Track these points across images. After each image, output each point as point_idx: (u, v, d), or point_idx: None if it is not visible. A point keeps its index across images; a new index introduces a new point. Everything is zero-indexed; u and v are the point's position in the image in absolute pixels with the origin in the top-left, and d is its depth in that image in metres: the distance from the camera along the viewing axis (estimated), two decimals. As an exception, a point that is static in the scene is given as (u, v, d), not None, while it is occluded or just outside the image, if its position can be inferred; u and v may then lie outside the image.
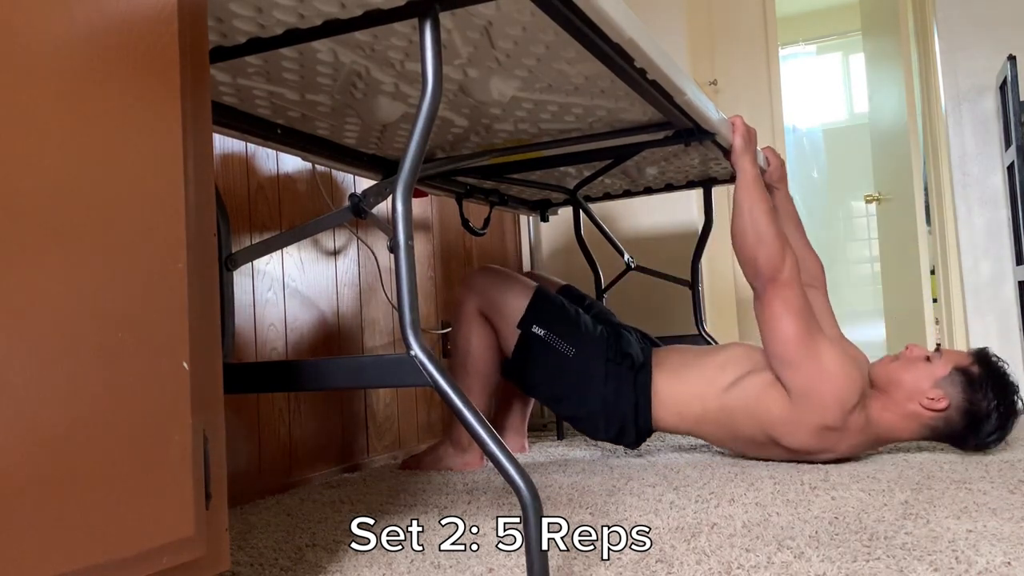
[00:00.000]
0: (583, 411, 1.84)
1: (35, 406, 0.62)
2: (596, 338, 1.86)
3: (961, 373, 1.65)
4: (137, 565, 0.69)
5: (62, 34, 0.66)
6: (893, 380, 1.67)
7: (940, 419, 1.64)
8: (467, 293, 1.92)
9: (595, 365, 1.83)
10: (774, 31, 3.82)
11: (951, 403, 1.63)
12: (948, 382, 1.64)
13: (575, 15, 1.08)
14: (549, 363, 1.84)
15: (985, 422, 1.63)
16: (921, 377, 1.65)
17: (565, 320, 1.87)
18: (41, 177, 0.64)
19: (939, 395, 1.63)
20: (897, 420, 1.66)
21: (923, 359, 1.68)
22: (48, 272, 0.64)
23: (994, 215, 2.59)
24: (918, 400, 1.64)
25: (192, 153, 0.78)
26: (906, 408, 1.65)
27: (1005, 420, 1.64)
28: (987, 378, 1.64)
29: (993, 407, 1.63)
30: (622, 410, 1.81)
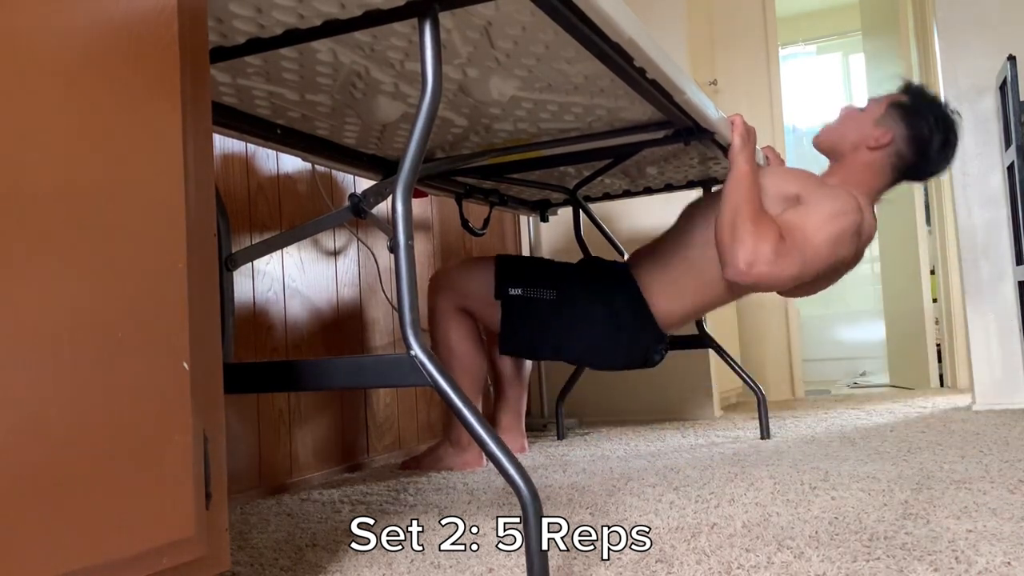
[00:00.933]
0: (590, 344, 1.84)
1: (35, 406, 0.62)
2: (571, 272, 1.88)
3: (894, 107, 1.77)
4: (137, 565, 0.69)
5: (62, 34, 0.66)
6: (837, 137, 1.80)
7: (892, 154, 1.75)
8: (437, 294, 1.92)
9: (580, 296, 1.84)
10: (774, 31, 3.82)
11: (895, 135, 1.74)
12: (886, 118, 1.76)
13: (575, 15, 1.08)
14: (537, 314, 1.83)
15: (931, 142, 1.74)
16: (861, 123, 1.78)
17: (534, 269, 1.89)
18: (41, 177, 0.64)
19: (881, 132, 1.74)
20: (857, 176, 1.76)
21: (856, 110, 1.81)
22: (48, 272, 0.64)
23: (994, 215, 2.59)
24: (866, 145, 1.75)
25: (192, 153, 0.78)
26: (859, 159, 1.76)
27: (947, 132, 1.76)
28: (919, 103, 1.76)
29: (932, 124, 1.74)
30: (624, 326, 1.81)
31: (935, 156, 1.76)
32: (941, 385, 3.62)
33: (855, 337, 5.18)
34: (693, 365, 2.77)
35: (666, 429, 2.48)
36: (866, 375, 4.84)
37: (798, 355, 3.69)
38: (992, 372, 2.56)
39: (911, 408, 2.74)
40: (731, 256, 1.64)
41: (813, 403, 3.23)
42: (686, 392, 2.79)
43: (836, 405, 3.04)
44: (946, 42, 2.65)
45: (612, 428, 2.62)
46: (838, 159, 1.81)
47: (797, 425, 2.42)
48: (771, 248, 1.62)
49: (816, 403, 3.22)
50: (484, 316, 1.89)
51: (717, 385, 2.85)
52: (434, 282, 1.95)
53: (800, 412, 2.84)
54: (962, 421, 2.27)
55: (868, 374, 4.86)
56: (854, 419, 2.49)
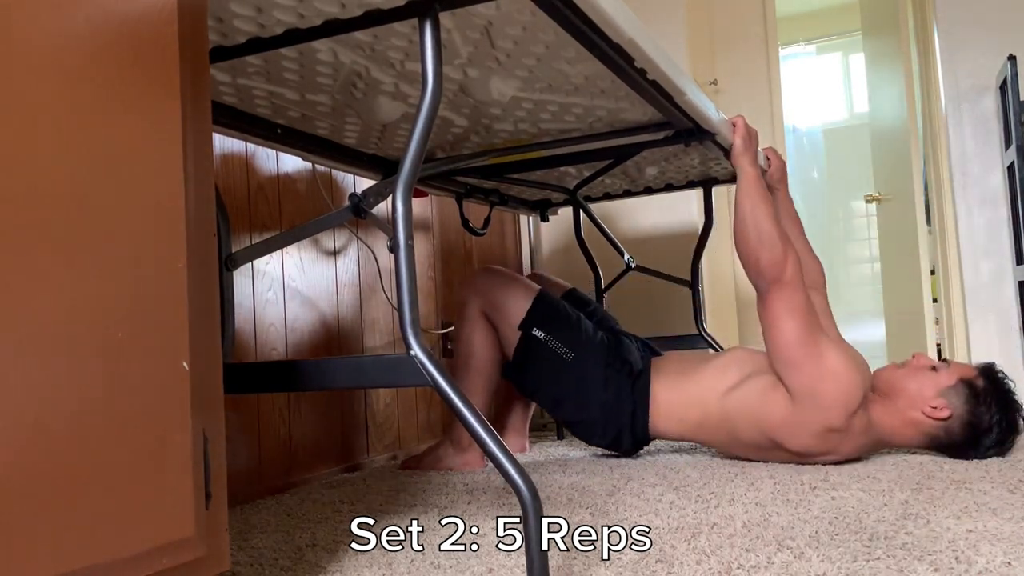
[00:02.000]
0: (580, 416, 1.85)
1: (35, 406, 0.62)
2: (596, 344, 1.86)
3: (966, 385, 1.64)
4: (137, 565, 0.69)
5: (62, 34, 0.66)
6: (897, 386, 1.67)
7: (941, 428, 1.64)
8: (470, 293, 1.92)
9: (594, 371, 1.83)
10: (774, 31, 3.82)
11: (953, 413, 1.62)
12: (952, 392, 1.64)
13: (575, 15, 1.08)
14: (548, 366, 1.84)
15: (985, 436, 1.63)
16: (925, 385, 1.65)
17: (566, 324, 1.87)
18: (40, 177, 0.64)
19: (942, 404, 1.62)
20: (898, 425, 1.66)
21: (929, 368, 1.68)
22: (47, 272, 0.64)
23: (994, 215, 2.59)
24: (920, 408, 1.63)
25: (192, 153, 0.78)
26: (908, 415, 1.65)
27: (1005, 436, 1.64)
28: (991, 392, 1.64)
29: (995, 421, 1.62)
30: (619, 417, 1.82)
31: (983, 452, 1.65)
32: (941, 385, 3.61)
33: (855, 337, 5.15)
34: (693, 365, 2.76)
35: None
36: (866, 375, 4.83)
37: (798, 355, 3.67)
38: (992, 372, 2.56)
39: (911, 408, 2.73)
40: (761, 259, 1.65)
41: (813, 403, 3.22)
42: (686, 392, 2.78)
43: (836, 405, 3.03)
44: (946, 42, 2.65)
45: (612, 428, 2.61)
46: (887, 402, 1.68)
47: (797, 425, 2.41)
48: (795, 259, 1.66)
49: (816, 403, 3.21)
50: (502, 332, 1.90)
51: (717, 385, 2.84)
52: (471, 281, 1.95)
53: (800, 412, 2.83)
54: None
55: (868, 374, 4.86)
56: (854, 419, 2.48)
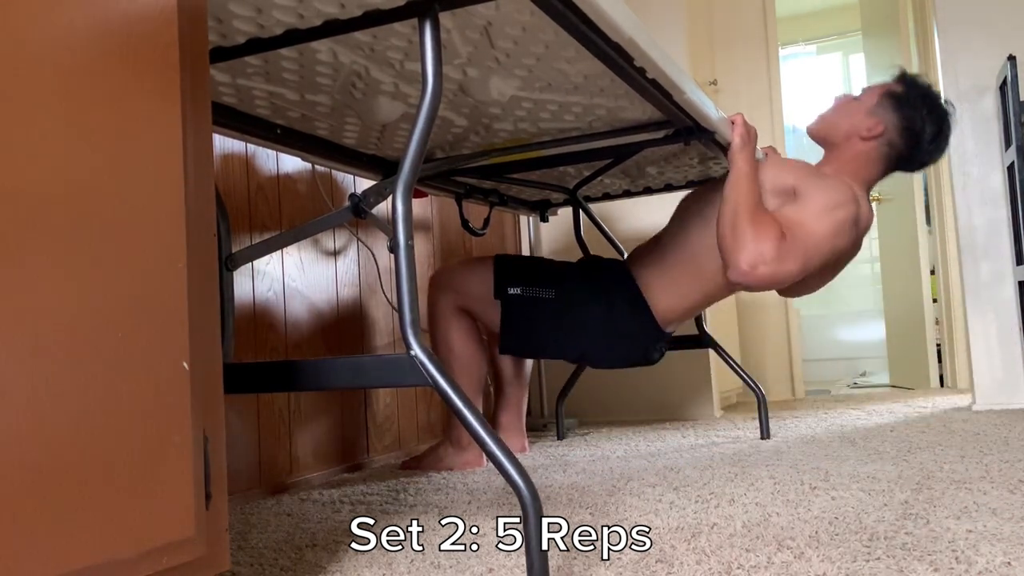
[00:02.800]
0: (589, 343, 1.83)
1: (35, 406, 0.62)
2: (569, 271, 1.88)
3: (888, 96, 1.76)
4: (137, 565, 0.69)
5: (62, 34, 0.66)
6: (830, 127, 1.79)
7: (883, 144, 1.75)
8: (436, 294, 1.92)
9: (579, 294, 1.83)
10: (774, 31, 3.82)
11: (886, 126, 1.74)
12: (878, 108, 1.76)
13: (575, 15, 1.08)
14: (537, 314, 1.83)
15: (923, 132, 1.74)
16: (853, 112, 1.77)
17: (533, 268, 1.89)
18: (40, 177, 0.64)
19: (874, 122, 1.74)
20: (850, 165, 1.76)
21: (851, 99, 1.81)
22: (48, 272, 0.64)
23: (994, 215, 2.59)
24: (858, 135, 1.74)
25: (192, 153, 0.78)
26: (852, 149, 1.75)
27: (939, 123, 1.75)
28: (912, 93, 1.75)
29: (925, 115, 1.74)
30: (624, 323, 1.81)
31: (927, 147, 1.76)
32: (941, 385, 3.62)
33: (855, 337, 5.18)
34: (693, 365, 2.77)
35: (666, 429, 2.48)
36: (866, 375, 4.84)
37: (798, 355, 3.69)
38: (992, 372, 2.56)
39: (911, 408, 2.74)
40: (733, 258, 1.64)
41: (813, 403, 3.23)
42: (686, 392, 2.79)
43: (836, 405, 3.04)
44: (946, 42, 2.65)
45: (612, 428, 2.62)
46: (832, 148, 1.82)
47: (797, 425, 2.42)
48: (772, 247, 1.62)
49: (816, 403, 3.22)
50: (484, 316, 1.89)
51: (717, 385, 2.85)
52: (433, 282, 1.95)
53: (800, 412, 2.84)
54: (962, 421, 2.27)
55: (868, 374, 4.87)
56: (854, 419, 2.49)
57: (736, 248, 1.63)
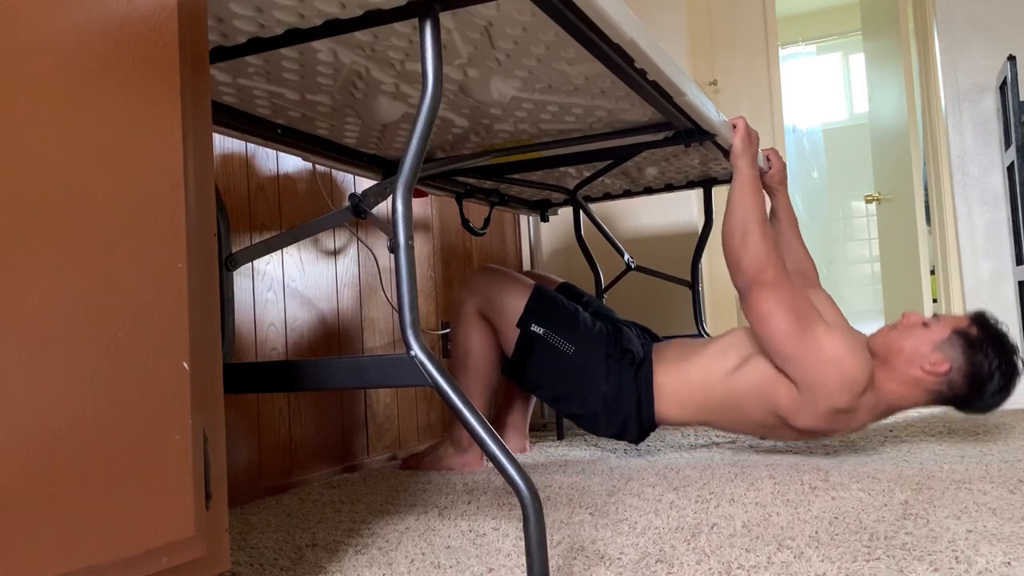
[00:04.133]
0: (585, 409, 1.84)
1: (35, 406, 0.62)
2: (595, 335, 1.86)
3: (960, 335, 1.65)
4: (137, 565, 0.69)
5: (62, 34, 0.66)
6: (893, 348, 1.68)
7: (943, 383, 1.64)
8: (467, 293, 1.93)
9: (595, 362, 1.82)
10: (774, 31, 3.82)
11: (952, 366, 1.63)
12: (948, 345, 1.64)
13: (575, 15, 1.08)
14: (549, 361, 1.84)
15: (988, 382, 1.63)
16: (920, 342, 1.66)
17: (564, 318, 1.87)
18: (40, 177, 0.64)
19: (939, 359, 1.63)
20: (901, 388, 1.66)
21: (921, 325, 1.69)
22: (48, 272, 0.64)
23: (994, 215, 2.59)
24: (919, 365, 1.64)
25: (192, 153, 0.78)
26: (908, 375, 1.65)
27: (1008, 379, 1.65)
28: (986, 339, 1.65)
29: (995, 367, 1.63)
30: (624, 406, 1.81)
31: (989, 399, 1.65)
32: (941, 385, 3.61)
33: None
34: (693, 365, 2.77)
35: (666, 429, 2.48)
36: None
37: (798, 355, 3.68)
38: (992, 372, 2.55)
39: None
40: (742, 260, 1.64)
41: (813, 403, 3.23)
42: (686, 392, 2.78)
43: (836, 405, 3.03)
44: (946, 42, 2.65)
45: (612, 428, 2.61)
46: (886, 366, 1.68)
47: (797, 425, 2.42)
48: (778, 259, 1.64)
49: (816, 403, 3.21)
50: (501, 332, 1.89)
51: (717, 385, 2.84)
52: (468, 281, 1.95)
53: (800, 412, 2.84)
54: (962, 421, 2.27)
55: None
56: (854, 419, 2.49)
57: (744, 251, 1.64)
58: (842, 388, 1.59)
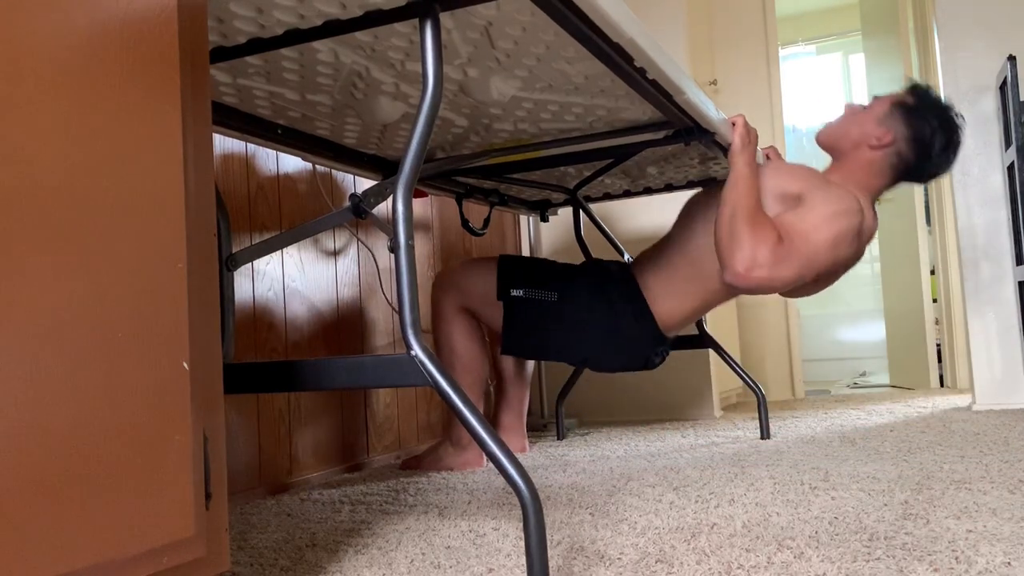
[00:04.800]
0: (590, 347, 1.84)
1: (35, 406, 0.62)
2: (573, 274, 1.88)
3: (898, 106, 1.75)
4: (137, 565, 0.69)
5: (62, 34, 0.66)
6: (839, 135, 1.78)
7: (892, 154, 1.74)
8: (440, 293, 1.92)
9: (581, 298, 1.83)
10: (774, 31, 3.82)
11: (896, 135, 1.73)
12: (888, 118, 1.74)
13: (575, 15, 1.08)
14: (539, 316, 1.83)
15: (932, 143, 1.73)
16: (863, 121, 1.76)
17: (536, 270, 1.89)
18: (40, 177, 0.64)
19: (883, 131, 1.73)
20: (857, 174, 1.75)
21: (860, 109, 1.79)
22: (48, 272, 0.64)
23: (994, 215, 2.59)
24: (867, 144, 1.73)
25: (192, 153, 0.78)
26: (860, 158, 1.74)
27: (949, 134, 1.74)
28: (922, 103, 1.74)
29: (935, 127, 1.73)
30: (625, 328, 1.81)
31: (936, 158, 1.75)
32: (941, 385, 3.62)
33: (855, 337, 5.18)
34: (693, 365, 2.77)
35: (666, 429, 2.48)
36: (866, 375, 4.84)
37: (798, 355, 3.69)
38: (992, 372, 2.56)
39: (911, 408, 2.74)
40: (729, 260, 1.62)
41: (813, 403, 3.23)
42: (686, 392, 2.79)
43: (836, 405, 3.04)
44: (946, 42, 2.65)
45: (612, 428, 2.62)
46: (839, 157, 1.81)
47: (797, 425, 2.42)
48: (768, 251, 1.60)
49: (816, 403, 3.22)
50: (486, 316, 1.89)
51: (717, 385, 2.85)
52: (437, 281, 1.96)
53: (800, 412, 2.84)
54: (962, 421, 2.27)
55: (868, 374, 4.86)
56: (854, 419, 2.49)
57: (732, 250, 1.62)
58: (849, 236, 1.68)
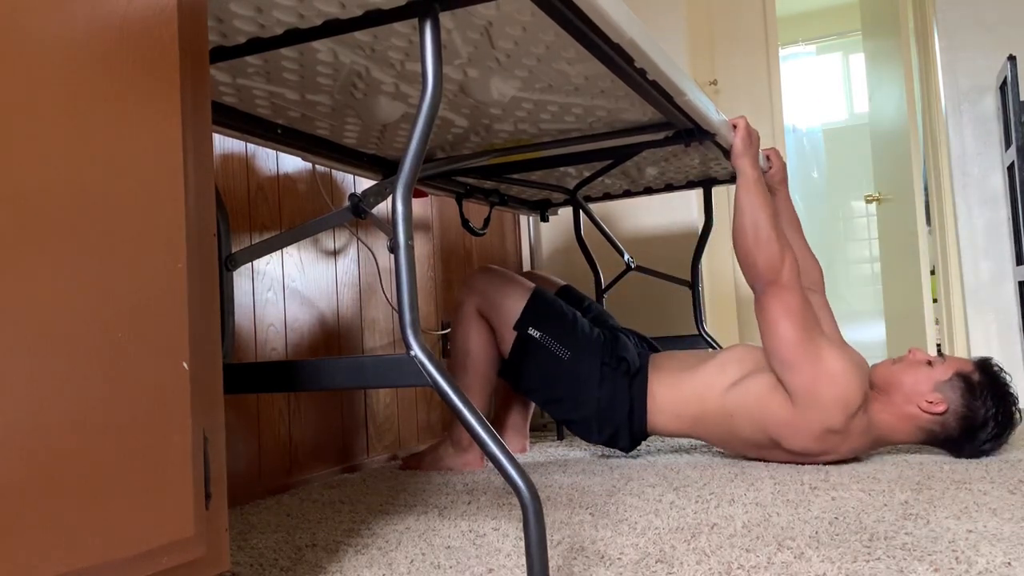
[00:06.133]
0: (577, 414, 1.85)
1: (34, 406, 0.62)
2: (592, 341, 1.86)
3: (961, 379, 1.64)
4: (137, 565, 0.69)
5: (62, 34, 0.66)
6: (894, 382, 1.67)
7: (937, 423, 1.64)
8: (467, 293, 1.93)
9: (590, 369, 1.83)
10: (774, 31, 3.82)
11: (949, 407, 1.62)
12: (948, 386, 1.63)
13: (575, 15, 1.08)
14: (544, 365, 1.84)
15: (982, 430, 1.63)
16: (921, 380, 1.65)
17: (561, 322, 1.87)
18: (40, 177, 0.64)
19: (938, 399, 1.62)
20: (895, 421, 1.65)
21: (925, 363, 1.68)
22: (47, 272, 0.64)
23: (994, 215, 2.59)
24: (916, 402, 1.63)
25: (192, 153, 0.78)
26: (904, 410, 1.64)
27: (1002, 429, 1.64)
28: (987, 386, 1.63)
29: (991, 415, 1.62)
30: (617, 414, 1.81)
31: (981, 445, 1.65)
32: (941, 385, 3.61)
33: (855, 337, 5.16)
34: (693, 365, 2.76)
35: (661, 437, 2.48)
36: (866, 375, 4.83)
37: (798, 355, 3.67)
38: (992, 372, 2.56)
39: (911, 408, 2.73)
40: (757, 260, 1.65)
41: (813, 403, 3.22)
42: (686, 392, 2.78)
43: (836, 405, 3.03)
44: (946, 42, 2.65)
45: (612, 428, 2.61)
46: (884, 398, 1.68)
47: (797, 425, 2.41)
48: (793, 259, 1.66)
49: (816, 403, 3.21)
50: (499, 332, 1.89)
51: (717, 385, 2.84)
52: (468, 281, 1.95)
53: (800, 412, 2.83)
54: (962, 421, 2.27)
55: (868, 374, 4.86)
56: (854, 419, 2.48)
57: (758, 250, 1.65)
58: (836, 404, 1.59)
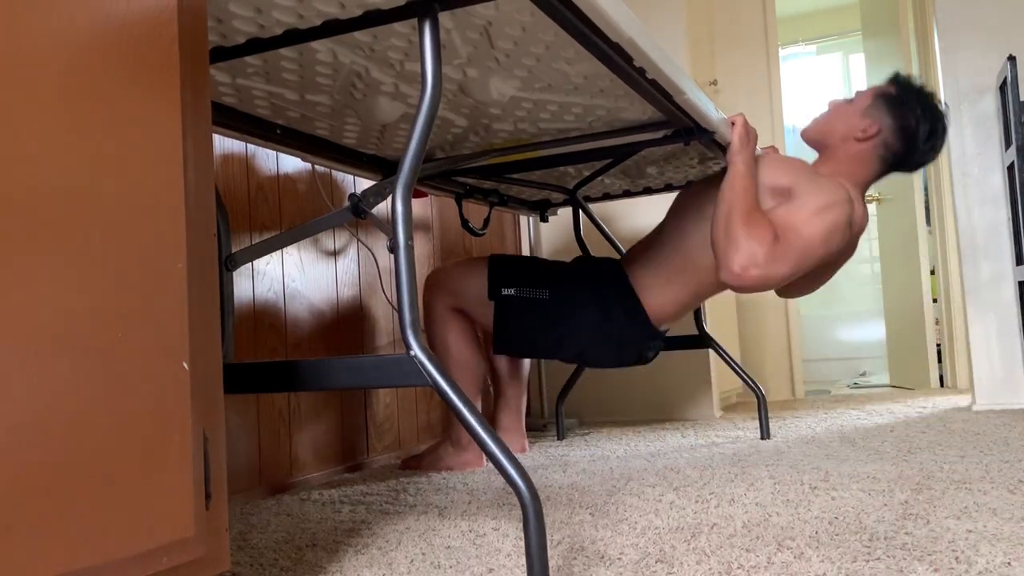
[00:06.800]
0: (583, 343, 1.84)
1: (35, 406, 0.62)
2: (563, 271, 1.88)
3: (882, 98, 1.76)
4: (137, 565, 0.69)
5: (62, 34, 0.66)
6: (827, 131, 1.79)
7: (879, 145, 1.75)
8: (430, 295, 1.93)
9: (573, 295, 1.84)
10: (774, 31, 3.82)
11: (881, 126, 1.74)
12: (872, 110, 1.76)
13: (575, 15, 1.08)
14: (531, 314, 1.84)
15: (918, 132, 1.74)
16: (849, 115, 1.78)
17: (527, 268, 1.89)
18: (40, 177, 0.64)
19: (868, 123, 1.74)
20: (845, 167, 1.76)
21: (844, 103, 1.81)
22: (47, 272, 0.64)
23: (994, 215, 2.59)
24: (853, 136, 1.74)
25: (192, 153, 0.78)
26: (847, 151, 1.75)
27: (934, 124, 1.75)
28: (904, 93, 1.76)
29: (920, 115, 1.74)
30: (619, 323, 1.81)
31: (923, 146, 1.76)
32: (941, 385, 3.62)
33: (855, 337, 5.18)
34: (693, 365, 2.77)
35: (666, 429, 2.48)
36: (866, 375, 4.84)
37: (798, 355, 3.69)
38: (992, 372, 2.56)
39: (911, 408, 2.74)
40: (725, 259, 1.62)
41: (813, 403, 3.23)
42: (686, 392, 2.79)
43: (836, 405, 3.04)
44: (946, 42, 2.65)
45: (612, 428, 2.62)
46: (827, 151, 1.81)
47: (797, 425, 2.42)
48: (765, 251, 1.60)
49: (816, 403, 3.22)
50: (479, 316, 1.89)
51: (717, 385, 2.85)
52: (428, 282, 1.96)
53: (800, 412, 2.84)
54: (962, 421, 2.27)
55: (868, 374, 4.87)
56: (854, 419, 2.49)
57: (728, 249, 1.62)
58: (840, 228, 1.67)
